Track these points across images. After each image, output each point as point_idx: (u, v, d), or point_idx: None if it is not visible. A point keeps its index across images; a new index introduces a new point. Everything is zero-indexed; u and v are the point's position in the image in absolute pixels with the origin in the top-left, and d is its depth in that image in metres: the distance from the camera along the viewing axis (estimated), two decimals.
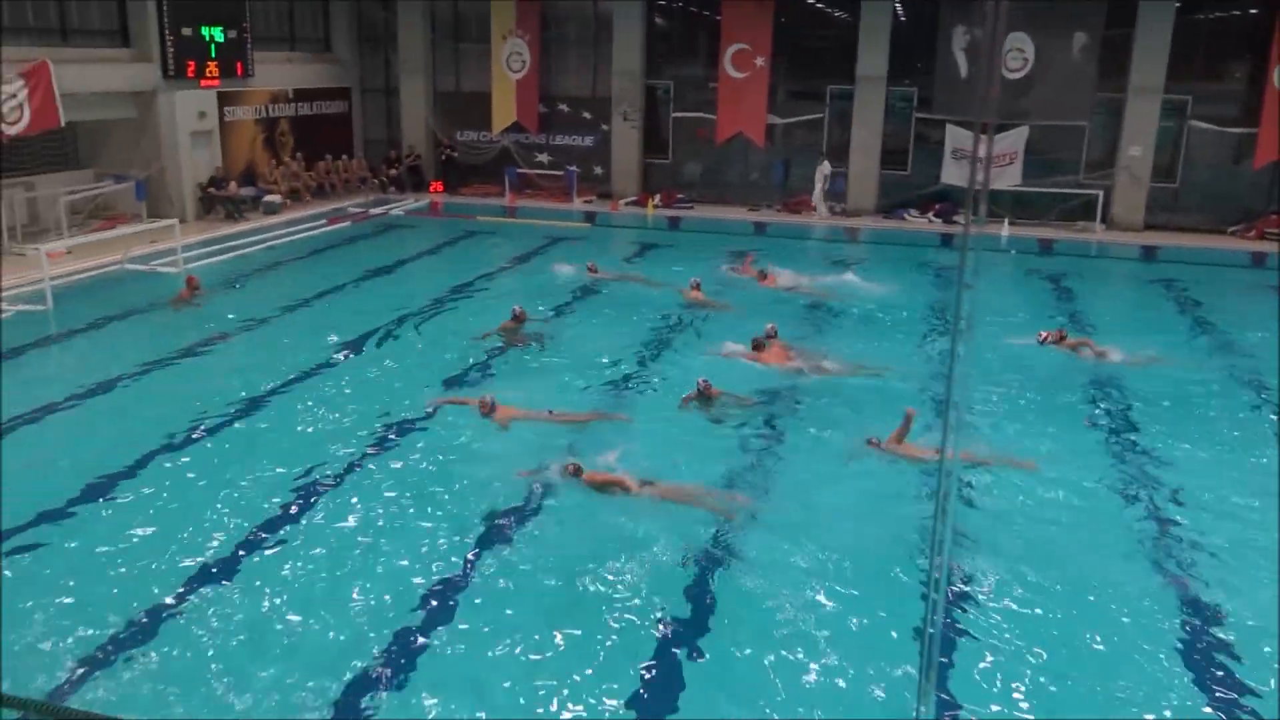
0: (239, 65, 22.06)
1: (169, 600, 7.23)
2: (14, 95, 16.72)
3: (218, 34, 21.36)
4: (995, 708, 6.35)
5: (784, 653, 6.77)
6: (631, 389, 11.86)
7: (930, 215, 23.11)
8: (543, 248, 19.60)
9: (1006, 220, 21.73)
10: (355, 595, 7.35)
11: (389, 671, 6.51)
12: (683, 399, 11.11)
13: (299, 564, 7.76)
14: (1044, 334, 13.38)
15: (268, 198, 22.29)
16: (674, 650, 6.80)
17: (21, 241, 17.43)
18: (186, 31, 20.60)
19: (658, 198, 24.34)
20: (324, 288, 16.12)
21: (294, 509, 8.65)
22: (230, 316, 14.39)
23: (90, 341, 13.36)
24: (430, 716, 6.12)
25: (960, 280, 2.92)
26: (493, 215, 23.04)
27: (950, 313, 15.03)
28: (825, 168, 23.34)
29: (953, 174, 22.62)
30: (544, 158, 25.87)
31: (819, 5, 24.82)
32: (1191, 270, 18.56)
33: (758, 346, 12.68)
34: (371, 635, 6.87)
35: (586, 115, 25.57)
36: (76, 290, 15.56)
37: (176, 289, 15.27)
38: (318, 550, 7.95)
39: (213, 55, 21.29)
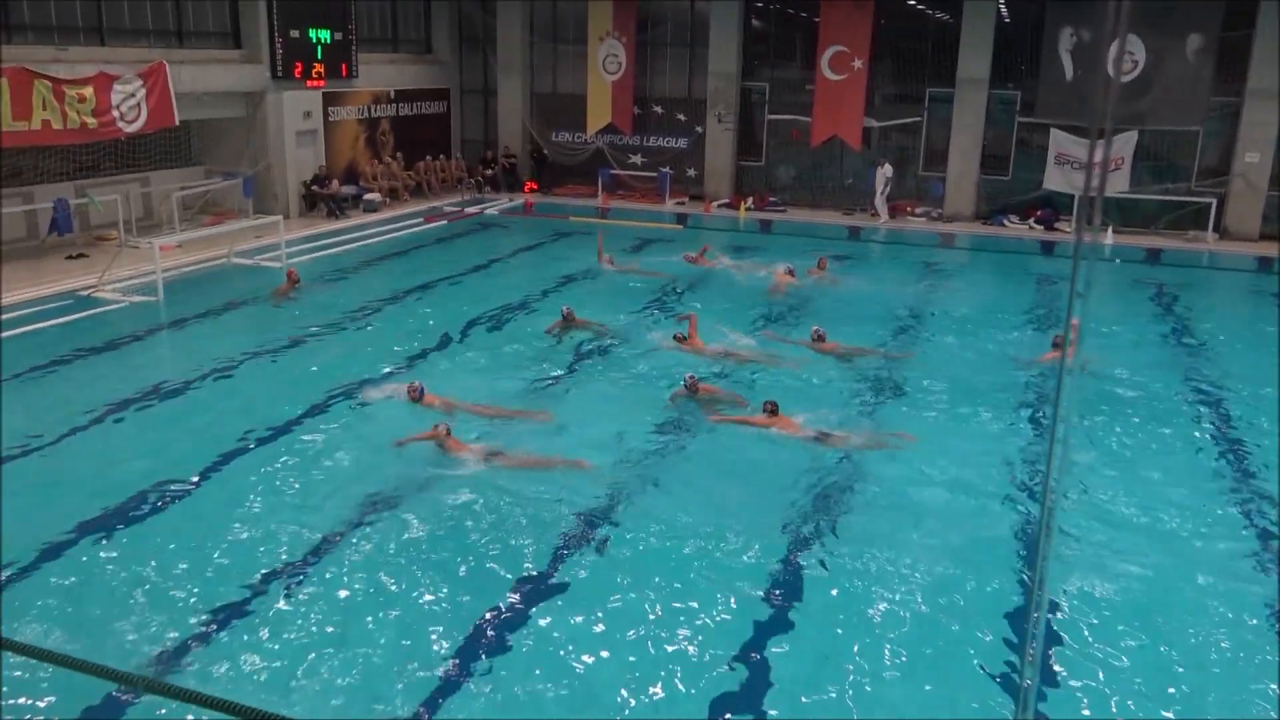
0: (344, 66, 22.64)
1: (254, 581, 7.45)
2: (132, 95, 17.42)
3: (324, 36, 21.96)
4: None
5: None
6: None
7: (1031, 222, 22.52)
8: (633, 249, 19.65)
9: (1110, 228, 21.05)
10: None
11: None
12: (670, 396, 11.23)
13: (386, 545, 7.92)
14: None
15: (368, 196, 22.84)
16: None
17: (136, 235, 18.15)
18: (295, 34, 21.24)
19: (750, 200, 24.22)
20: (418, 283, 16.44)
21: (376, 497, 8.82)
22: (328, 310, 14.77)
23: (197, 331, 13.86)
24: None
25: (1072, 289, 2.82)
26: (585, 215, 23.21)
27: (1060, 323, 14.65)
28: (886, 170, 23.05)
29: (1056, 180, 22.04)
30: (637, 159, 25.97)
31: (920, 7, 24.39)
32: None
33: (819, 339, 13.12)
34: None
35: (681, 117, 25.59)
36: (185, 282, 16.15)
37: (278, 283, 15.73)
38: (415, 532, 8.10)
39: (319, 57, 21.90)
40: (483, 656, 6.66)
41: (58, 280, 15.77)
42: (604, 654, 6.72)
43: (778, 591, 7.51)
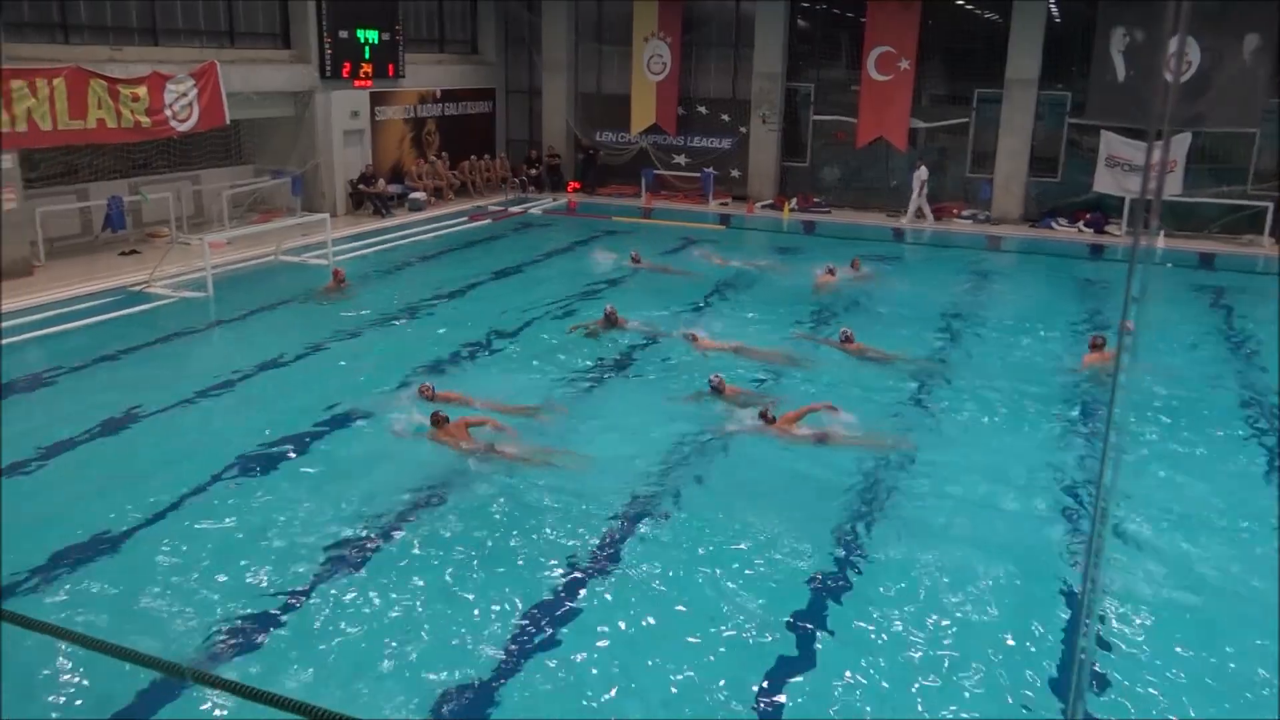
0: (391, 67, 22.85)
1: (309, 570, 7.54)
2: (184, 94, 17.71)
3: (372, 36, 22.19)
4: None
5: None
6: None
7: (1080, 225, 22.19)
8: (676, 249, 19.64)
9: (1162, 232, 20.67)
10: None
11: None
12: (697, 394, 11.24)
13: (424, 543, 7.98)
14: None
15: (413, 195, 23.04)
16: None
17: (187, 232, 18.46)
18: (343, 34, 21.48)
19: (794, 201, 24.10)
20: (462, 283, 16.55)
21: (416, 495, 8.89)
22: (373, 307, 14.91)
23: (245, 327, 14.07)
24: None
25: (1127, 294, 2.77)
26: (628, 216, 23.23)
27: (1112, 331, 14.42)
28: (922, 173, 22.85)
29: (1106, 182, 21.69)
30: (681, 159, 25.95)
31: (969, 7, 24.12)
32: None
33: (847, 340, 13.09)
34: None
35: (725, 117, 25.53)
36: (234, 278, 16.39)
37: (324, 280, 15.91)
38: (454, 529, 8.16)
39: (367, 57, 22.12)
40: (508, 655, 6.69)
41: (111, 276, 16.08)
42: (633, 653, 6.73)
43: (819, 589, 7.47)
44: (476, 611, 7.14)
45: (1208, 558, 8.08)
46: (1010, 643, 6.92)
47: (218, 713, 6.03)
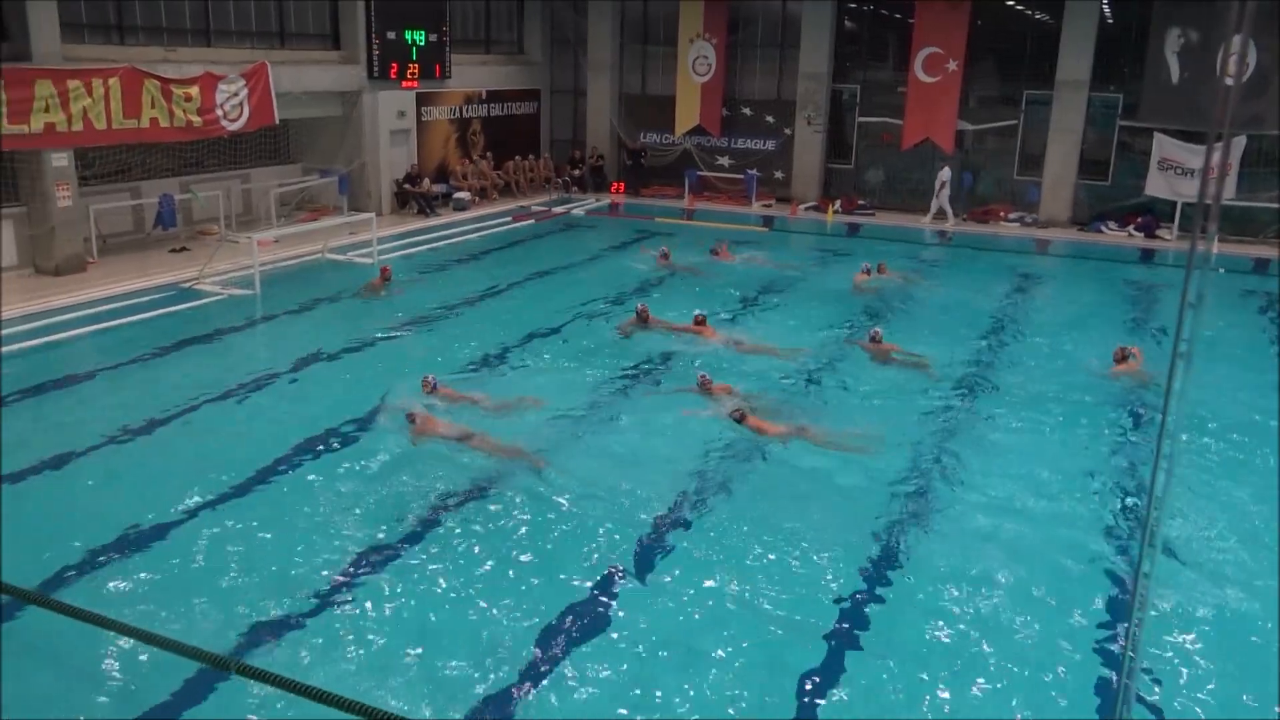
0: (437, 67, 23.02)
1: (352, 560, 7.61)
2: (235, 94, 17.97)
3: (419, 37, 22.37)
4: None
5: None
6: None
7: (1131, 228, 21.82)
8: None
9: (1216, 236, 20.27)
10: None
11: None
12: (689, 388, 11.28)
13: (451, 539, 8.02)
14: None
15: (458, 194, 23.20)
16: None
17: (236, 230, 18.73)
18: (391, 35, 21.67)
19: (838, 203, 23.94)
20: (505, 282, 16.63)
21: (451, 491, 8.94)
22: (416, 306, 15.02)
23: (291, 324, 14.24)
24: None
25: (1184, 300, 2.71)
26: (670, 217, 23.21)
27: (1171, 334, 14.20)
28: (945, 173, 22.70)
29: (1158, 186, 21.31)
30: (725, 161, 25.88)
31: (1019, 7, 23.80)
32: None
33: (876, 340, 13.06)
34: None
35: (769, 119, 25.42)
36: (281, 276, 16.59)
37: (370, 278, 16.06)
38: (478, 529, 8.20)
39: (414, 58, 22.30)
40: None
41: (162, 273, 16.36)
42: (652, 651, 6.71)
43: (849, 598, 7.41)
44: (495, 612, 7.16)
45: (1256, 570, 7.91)
46: (1053, 648, 6.82)
47: (251, 704, 6.10)
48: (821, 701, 6.32)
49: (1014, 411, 11.27)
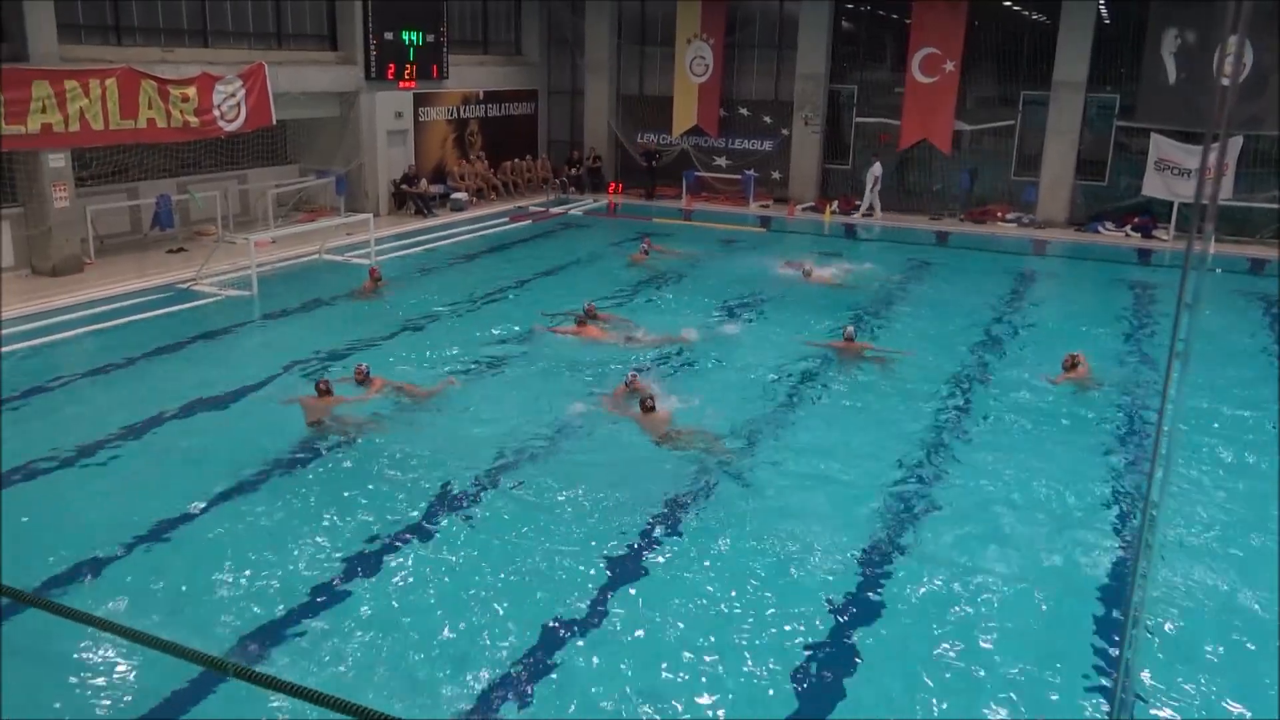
0: (435, 68, 23.02)
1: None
2: (233, 95, 17.96)
3: (417, 38, 22.36)
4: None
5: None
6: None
7: (1128, 229, 21.85)
8: (714, 251, 19.59)
9: (1213, 237, 20.27)
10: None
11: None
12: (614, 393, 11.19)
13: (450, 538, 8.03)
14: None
15: (455, 195, 23.19)
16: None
17: (233, 230, 18.72)
18: (389, 35, 21.67)
19: (835, 204, 23.96)
20: (502, 283, 16.61)
21: (443, 495, 8.95)
22: (408, 307, 15.00)
23: (287, 325, 14.23)
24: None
25: (1180, 300, 2.71)
26: (668, 217, 23.21)
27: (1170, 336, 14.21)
28: (876, 169, 23.19)
29: (1155, 186, 21.35)
30: (722, 161, 25.89)
31: (1016, 8, 23.82)
32: None
33: (849, 340, 13.22)
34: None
35: (767, 119, 25.44)
36: (279, 277, 16.58)
37: (363, 280, 16.03)
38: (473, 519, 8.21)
39: (411, 58, 22.30)
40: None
41: (159, 273, 16.35)
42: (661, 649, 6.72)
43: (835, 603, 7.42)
44: (496, 612, 7.16)
45: (1251, 569, 7.92)
46: (1053, 648, 6.83)
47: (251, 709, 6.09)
48: (821, 702, 6.33)
49: (1000, 413, 11.27)
